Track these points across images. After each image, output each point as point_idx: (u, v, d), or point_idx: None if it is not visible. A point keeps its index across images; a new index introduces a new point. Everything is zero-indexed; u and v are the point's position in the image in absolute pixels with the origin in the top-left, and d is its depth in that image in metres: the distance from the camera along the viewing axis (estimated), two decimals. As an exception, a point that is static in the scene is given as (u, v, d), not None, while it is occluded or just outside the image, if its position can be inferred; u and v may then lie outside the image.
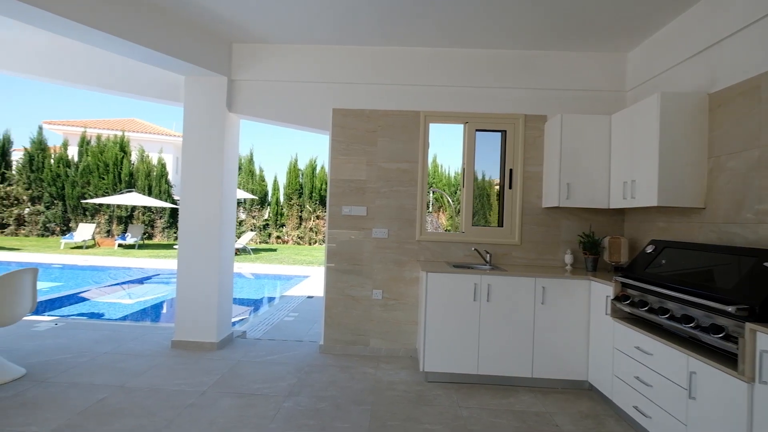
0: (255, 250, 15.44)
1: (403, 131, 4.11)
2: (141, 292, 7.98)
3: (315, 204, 18.44)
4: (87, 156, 17.08)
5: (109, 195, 16.29)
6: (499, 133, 4.14)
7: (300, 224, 18.53)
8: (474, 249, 4.00)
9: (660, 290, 2.52)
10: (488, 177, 4.48)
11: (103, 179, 16.95)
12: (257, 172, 18.70)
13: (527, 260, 4.04)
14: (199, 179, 4.06)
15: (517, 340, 3.39)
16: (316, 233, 18.49)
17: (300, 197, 18.48)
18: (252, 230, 17.44)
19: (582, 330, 3.37)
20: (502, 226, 4.10)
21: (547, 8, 3.22)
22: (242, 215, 18.26)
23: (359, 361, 3.86)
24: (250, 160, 18.65)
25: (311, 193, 18.43)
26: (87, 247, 14.47)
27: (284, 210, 18.52)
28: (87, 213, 16.95)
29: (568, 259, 3.85)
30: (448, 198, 16.77)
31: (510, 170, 4.07)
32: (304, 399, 3.05)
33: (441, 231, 14.49)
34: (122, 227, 16.99)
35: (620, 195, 3.39)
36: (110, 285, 8.46)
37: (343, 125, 4.13)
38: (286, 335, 4.66)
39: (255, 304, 7.45)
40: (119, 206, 16.83)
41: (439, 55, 4.07)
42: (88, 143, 17.45)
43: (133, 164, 17.59)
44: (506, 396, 3.24)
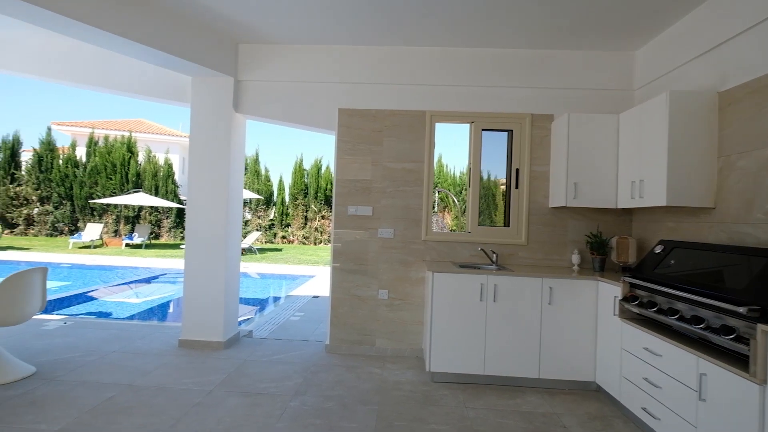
0: (260, 250, 15.50)
1: (409, 131, 4.10)
2: (148, 292, 8.04)
3: (320, 204, 18.49)
4: (95, 156, 17.25)
5: (117, 195, 16.44)
6: (506, 133, 4.12)
7: (305, 224, 18.58)
8: (480, 249, 3.99)
9: (669, 291, 2.49)
10: (494, 177, 4.46)
11: (111, 179, 17.11)
12: (263, 172, 18.79)
13: (534, 260, 4.02)
14: (206, 179, 4.08)
15: (524, 341, 3.37)
16: (322, 233, 18.54)
17: (305, 197, 18.54)
18: (257, 230, 17.51)
19: (589, 331, 3.35)
20: (509, 226, 4.08)
21: (554, 7, 3.20)
22: (248, 215, 18.35)
23: (365, 361, 3.86)
24: (256, 160, 18.73)
25: (316, 193, 18.48)
26: (95, 247, 14.61)
27: (289, 210, 18.58)
28: (95, 213, 17.12)
29: (575, 260, 3.82)
30: (454, 198, 16.73)
31: (516, 170, 4.05)
32: (311, 398, 3.06)
33: (446, 231, 14.45)
34: (129, 227, 17.14)
35: (628, 195, 3.36)
36: (118, 284, 8.54)
37: (349, 125, 4.13)
38: (292, 335, 4.68)
39: (261, 304, 7.48)
40: (126, 206, 16.99)
41: (446, 55, 4.06)
42: (96, 144, 17.62)
43: (140, 164, 17.75)
44: (513, 397, 3.22)
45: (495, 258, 3.92)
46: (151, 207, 17.33)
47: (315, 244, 18.35)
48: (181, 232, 17.58)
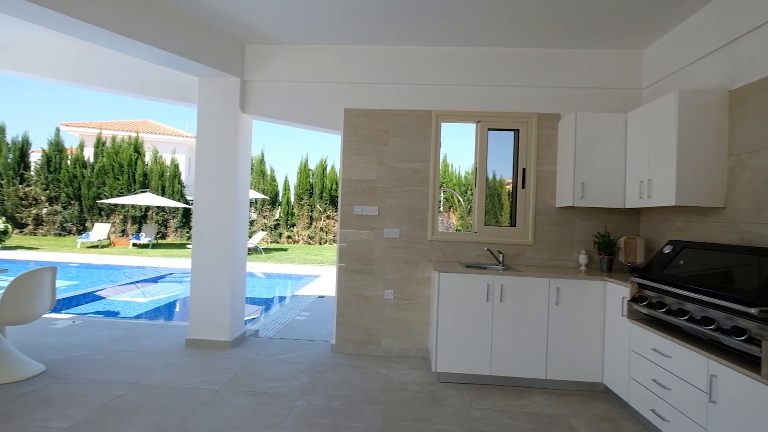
0: (266, 250, 15.56)
1: (415, 131, 4.10)
2: (155, 291, 8.10)
3: (325, 204, 18.53)
4: (102, 157, 17.42)
5: (124, 195, 16.58)
6: (512, 132, 4.10)
7: (310, 224, 18.63)
8: (486, 249, 3.97)
9: (679, 291, 2.47)
10: (499, 176, 4.45)
11: (118, 180, 17.26)
12: (268, 172, 18.86)
13: (541, 260, 3.99)
14: (213, 179, 4.10)
15: (531, 341, 3.36)
16: (327, 233, 18.57)
17: (310, 197, 18.58)
18: (263, 230, 17.59)
19: (597, 331, 3.32)
20: (515, 226, 4.06)
21: (562, 5, 3.18)
22: (253, 215, 18.42)
23: (371, 361, 3.86)
24: (261, 160, 18.80)
25: (321, 193, 18.52)
26: (102, 247, 14.74)
27: (295, 210, 18.63)
28: (102, 213, 17.29)
29: (583, 260, 3.79)
30: (459, 197, 16.69)
31: (523, 170, 4.03)
32: (317, 398, 3.06)
33: (452, 231, 14.42)
34: (136, 227, 17.28)
35: (636, 194, 3.33)
36: (125, 284, 8.61)
37: (355, 125, 4.14)
38: (298, 334, 4.69)
39: (267, 304, 7.51)
40: (133, 206, 17.13)
41: (451, 54, 4.05)
42: (104, 144, 17.79)
43: (147, 165, 17.90)
44: (519, 397, 3.21)
45: (501, 258, 3.90)
46: (158, 207, 17.46)
47: (320, 244, 18.39)
48: (188, 232, 17.69)
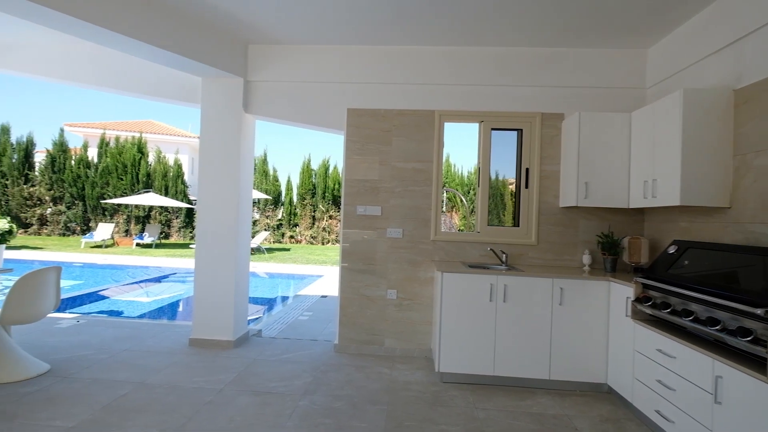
0: (269, 250, 15.59)
1: (418, 130, 4.09)
2: (158, 291, 8.13)
3: (328, 204, 18.54)
4: (106, 157, 17.49)
5: (128, 195, 16.65)
6: (515, 132, 4.09)
7: (313, 224, 18.65)
8: (490, 249, 3.97)
9: (683, 292, 2.46)
10: (502, 176, 4.43)
11: (122, 180, 17.33)
12: (271, 173, 18.88)
13: (544, 261, 3.98)
14: (216, 179, 4.11)
15: (534, 342, 3.35)
16: (329, 233, 18.58)
17: (313, 197, 18.60)
18: (266, 230, 17.62)
19: (601, 332, 3.31)
20: (518, 226, 4.05)
21: (565, 4, 3.17)
22: (256, 215, 18.46)
23: (374, 361, 3.86)
24: (264, 161, 18.82)
25: (324, 193, 18.53)
26: (106, 246, 14.81)
27: (297, 210, 18.66)
28: (106, 213, 17.36)
29: (587, 260, 3.78)
30: (462, 197, 16.67)
31: (526, 169, 4.02)
32: (320, 398, 3.06)
33: (455, 231, 14.40)
34: (140, 227, 17.35)
35: (640, 194, 3.32)
36: (129, 283, 8.64)
37: (358, 125, 4.14)
38: (301, 334, 4.69)
39: (269, 303, 7.52)
40: (137, 206, 17.19)
41: (454, 54, 4.04)
42: (107, 145, 17.87)
43: (151, 165, 17.95)
44: (523, 398, 3.20)
45: (505, 258, 3.90)
46: (161, 207, 17.52)
47: (323, 244, 18.40)
48: (191, 232, 17.75)
